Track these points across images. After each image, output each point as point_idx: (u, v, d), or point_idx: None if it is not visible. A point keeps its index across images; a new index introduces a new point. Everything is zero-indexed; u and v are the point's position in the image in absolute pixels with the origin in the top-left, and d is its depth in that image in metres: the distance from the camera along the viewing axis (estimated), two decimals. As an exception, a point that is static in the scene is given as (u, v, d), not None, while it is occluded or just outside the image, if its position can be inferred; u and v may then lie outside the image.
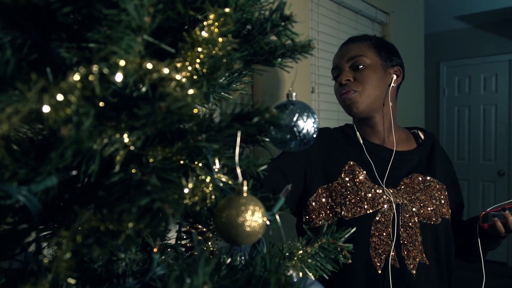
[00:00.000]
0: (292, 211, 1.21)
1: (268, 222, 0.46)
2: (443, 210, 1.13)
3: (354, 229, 0.64)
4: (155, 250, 0.39)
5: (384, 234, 1.07)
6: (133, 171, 0.39)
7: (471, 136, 4.79)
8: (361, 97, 1.14)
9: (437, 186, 1.14)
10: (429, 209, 1.10)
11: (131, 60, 0.32)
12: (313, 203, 1.13)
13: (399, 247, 1.07)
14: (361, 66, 1.14)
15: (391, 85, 1.18)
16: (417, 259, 1.07)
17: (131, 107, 0.35)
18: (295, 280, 0.45)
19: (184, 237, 0.70)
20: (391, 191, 1.11)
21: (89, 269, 0.50)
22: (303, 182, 1.15)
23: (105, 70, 0.31)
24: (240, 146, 0.51)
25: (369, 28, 2.59)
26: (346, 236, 0.62)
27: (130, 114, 0.37)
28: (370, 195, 1.09)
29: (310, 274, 0.59)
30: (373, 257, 1.07)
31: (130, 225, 0.33)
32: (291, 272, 0.46)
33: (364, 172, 1.13)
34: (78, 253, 0.35)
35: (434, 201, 1.12)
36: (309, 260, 0.59)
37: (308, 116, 0.47)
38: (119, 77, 0.32)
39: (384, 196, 1.09)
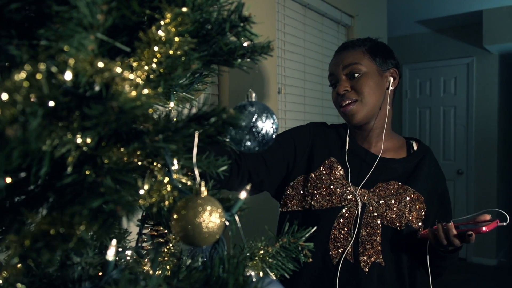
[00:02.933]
0: (272, 194, 1.26)
1: (227, 223, 0.46)
2: (410, 218, 1.12)
3: (315, 228, 0.65)
4: (109, 252, 0.38)
5: (346, 229, 1.11)
6: (87, 172, 0.38)
7: (432, 136, 4.97)
8: (361, 106, 1.14)
9: (412, 195, 1.14)
10: (393, 213, 1.11)
11: (81, 58, 0.31)
12: (290, 189, 1.19)
13: (357, 244, 1.10)
14: (357, 74, 1.14)
15: (390, 89, 1.18)
16: (372, 259, 1.10)
17: (84, 107, 0.34)
18: (254, 280, 0.45)
19: (145, 239, 0.69)
20: (363, 190, 1.14)
21: (44, 273, 0.49)
22: (285, 168, 1.20)
23: (53, 69, 0.30)
24: (200, 147, 0.51)
25: (334, 30, 2.63)
26: (307, 235, 0.63)
27: (83, 114, 0.36)
28: (339, 190, 1.13)
29: (272, 274, 0.60)
30: (331, 249, 1.11)
31: (82, 227, 0.32)
32: (250, 272, 0.46)
33: (342, 170, 1.17)
34: (27, 257, 0.33)
35: (402, 207, 1.12)
36: (270, 260, 0.59)
37: (267, 117, 0.47)
38: (68, 75, 0.31)
39: (352, 194, 1.13)
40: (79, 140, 0.35)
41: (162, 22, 0.40)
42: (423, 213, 1.16)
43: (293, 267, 0.61)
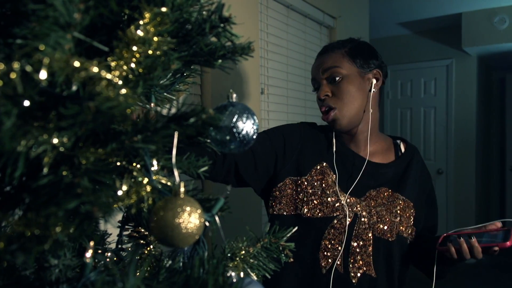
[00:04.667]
0: (257, 193, 1.22)
1: (207, 223, 0.46)
2: (401, 228, 1.12)
3: (296, 228, 0.65)
4: (87, 254, 0.37)
5: (336, 240, 1.09)
6: (64, 173, 0.37)
7: (413, 136, 5.05)
8: (341, 113, 1.12)
9: (401, 203, 1.13)
10: (385, 225, 1.10)
11: (57, 57, 0.30)
12: (277, 192, 1.15)
13: (347, 255, 1.09)
14: (338, 78, 1.12)
15: (372, 91, 1.14)
16: (361, 270, 1.08)
17: (60, 106, 0.34)
18: (234, 280, 0.45)
19: (126, 241, 0.68)
20: (354, 200, 1.11)
21: (20, 276, 0.48)
22: (273, 166, 1.16)
23: (28, 68, 0.30)
24: (181, 148, 0.51)
25: (317, 31, 2.65)
26: (288, 235, 0.63)
27: (59, 114, 0.35)
28: (332, 200, 1.10)
29: (253, 274, 0.60)
30: (321, 258, 1.09)
31: (58, 229, 0.32)
32: (230, 272, 0.46)
33: (334, 176, 1.14)
34: (2, 260, 0.33)
35: (393, 218, 1.11)
36: (251, 260, 0.59)
37: (247, 118, 0.47)
38: (43, 75, 0.30)
39: (344, 205, 1.10)
40: (55, 141, 0.35)
41: (141, 22, 0.40)
42: (412, 218, 1.15)
43: (274, 267, 0.61)
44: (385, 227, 1.10)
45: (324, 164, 1.15)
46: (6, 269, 0.45)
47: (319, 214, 1.10)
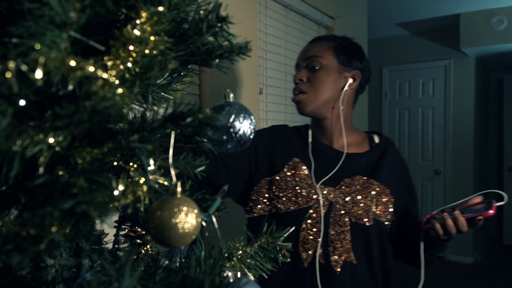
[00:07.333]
0: (236, 200, 1.24)
1: (204, 223, 0.45)
2: (377, 212, 1.12)
3: (293, 228, 0.65)
4: (83, 255, 0.37)
5: (314, 229, 1.10)
6: (60, 173, 0.37)
7: (410, 137, 5.05)
8: (309, 99, 1.15)
9: (377, 189, 1.14)
10: (360, 209, 1.11)
11: (52, 56, 0.30)
12: (255, 195, 1.18)
13: (326, 244, 1.09)
14: (316, 67, 1.16)
15: (345, 89, 1.17)
16: (343, 257, 1.09)
17: (56, 106, 0.33)
18: (231, 280, 0.45)
19: (123, 241, 0.68)
20: (329, 189, 1.13)
21: (16, 276, 0.48)
22: (247, 171, 1.19)
23: (23, 67, 0.29)
24: (178, 147, 0.51)
25: (315, 31, 2.65)
26: (285, 235, 0.63)
27: (55, 114, 0.35)
28: (305, 191, 1.12)
29: (250, 274, 0.60)
30: (301, 252, 1.10)
31: (54, 229, 0.32)
32: (227, 272, 0.46)
33: (306, 169, 1.16)
34: (-4, 260, 0.33)
35: (369, 202, 1.12)
36: (249, 260, 0.59)
37: (244, 117, 0.47)
38: (38, 74, 0.30)
39: (318, 193, 1.12)
40: (51, 140, 0.35)
41: (138, 21, 0.40)
42: (390, 205, 1.15)
43: (271, 267, 0.61)
44: (360, 211, 1.11)
45: (296, 159, 1.18)
46: (2, 269, 0.45)
47: (294, 207, 1.12)
